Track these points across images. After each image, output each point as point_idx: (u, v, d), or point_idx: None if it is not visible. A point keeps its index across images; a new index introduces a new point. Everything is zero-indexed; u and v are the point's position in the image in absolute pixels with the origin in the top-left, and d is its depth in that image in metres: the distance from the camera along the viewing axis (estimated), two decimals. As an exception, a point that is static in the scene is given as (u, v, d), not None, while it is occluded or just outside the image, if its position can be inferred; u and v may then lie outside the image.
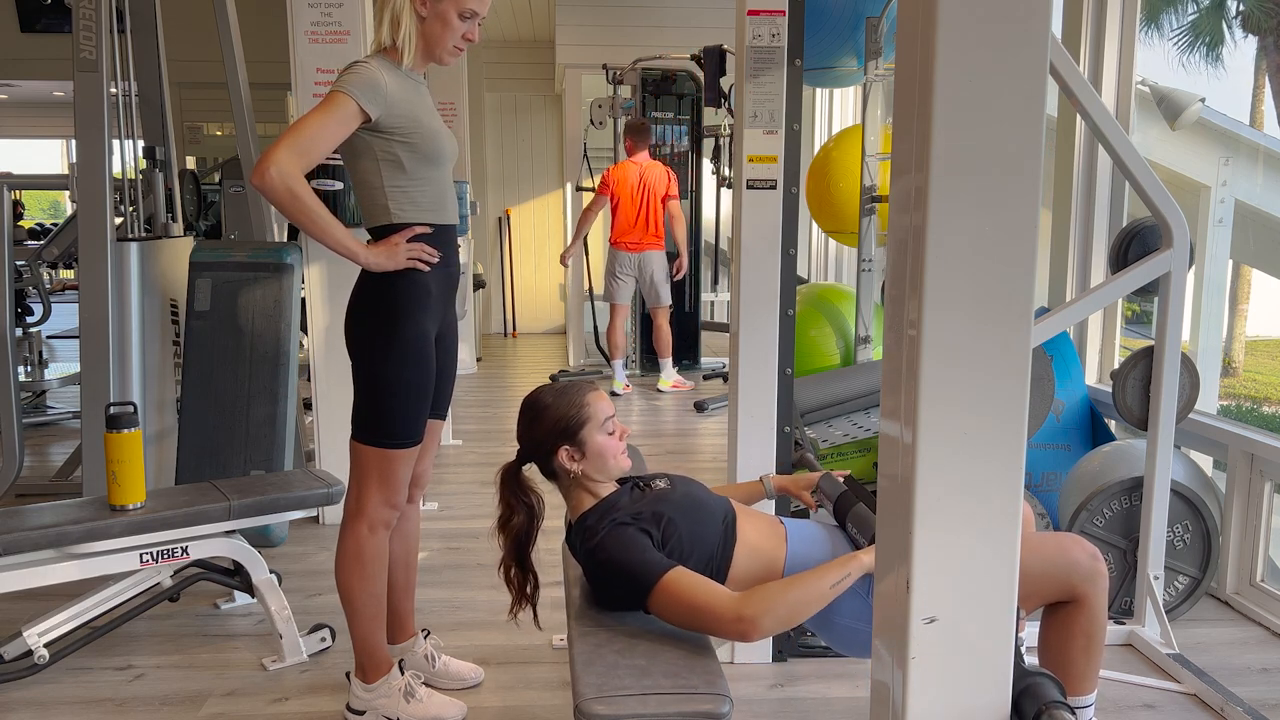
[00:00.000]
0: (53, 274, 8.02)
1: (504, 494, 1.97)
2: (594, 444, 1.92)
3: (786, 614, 1.67)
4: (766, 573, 1.89)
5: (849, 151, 4.19)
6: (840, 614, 1.90)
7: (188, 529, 2.62)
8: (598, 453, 1.92)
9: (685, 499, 1.91)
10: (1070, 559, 1.89)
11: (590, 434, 1.92)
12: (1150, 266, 2.66)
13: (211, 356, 3.60)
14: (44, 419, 5.72)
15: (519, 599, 1.98)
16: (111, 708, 2.47)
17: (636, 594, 1.74)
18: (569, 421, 1.92)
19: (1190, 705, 2.44)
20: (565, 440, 1.92)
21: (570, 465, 1.92)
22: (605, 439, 1.93)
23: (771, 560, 1.90)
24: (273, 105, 8.67)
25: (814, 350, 4.04)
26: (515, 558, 1.96)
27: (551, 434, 1.93)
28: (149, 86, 4.18)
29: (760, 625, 1.64)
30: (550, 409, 1.95)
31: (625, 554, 1.77)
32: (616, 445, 1.95)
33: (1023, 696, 1.22)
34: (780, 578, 1.89)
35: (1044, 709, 1.19)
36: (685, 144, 7.29)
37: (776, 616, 1.66)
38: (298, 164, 2.00)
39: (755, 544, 1.91)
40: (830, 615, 1.91)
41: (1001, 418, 1.15)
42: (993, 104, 1.10)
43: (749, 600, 1.66)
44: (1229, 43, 12.88)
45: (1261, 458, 2.93)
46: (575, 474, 1.93)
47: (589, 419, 1.93)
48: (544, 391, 1.99)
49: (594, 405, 1.95)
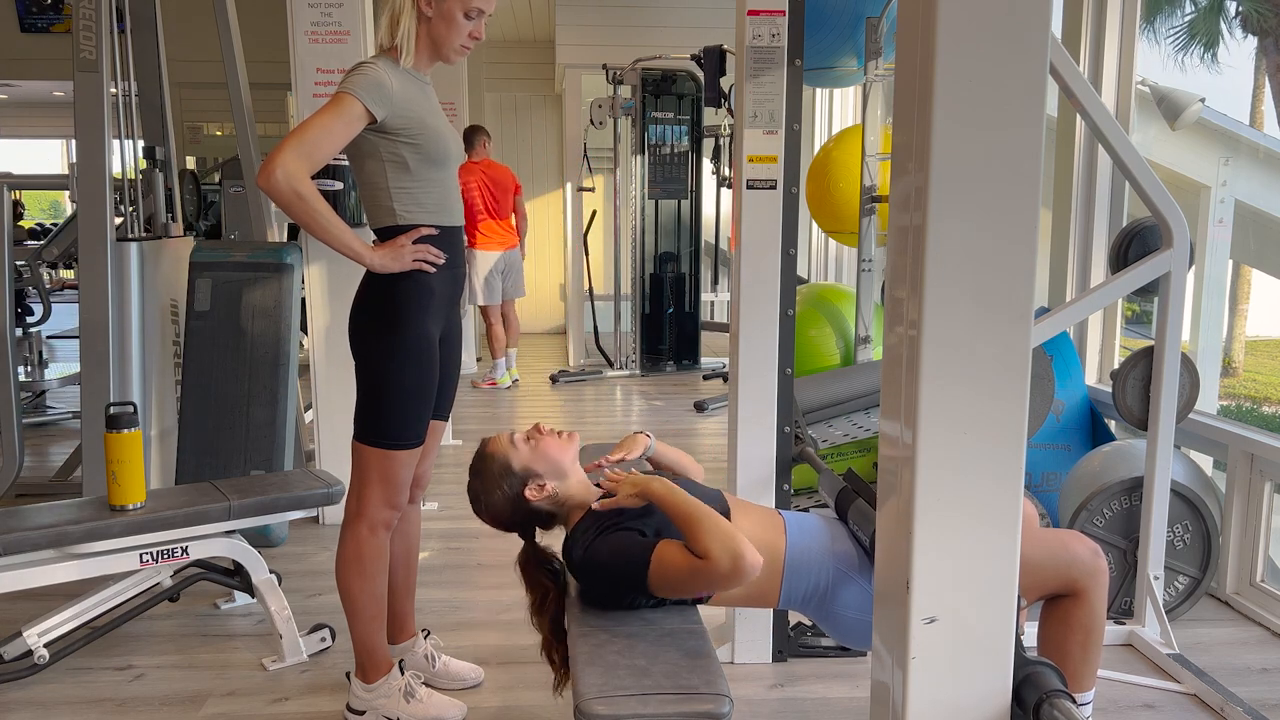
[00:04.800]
0: (53, 274, 8.03)
1: (530, 578, 1.97)
2: (537, 466, 1.94)
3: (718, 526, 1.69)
4: (768, 565, 1.89)
5: (849, 151, 4.20)
6: (841, 604, 1.90)
7: (188, 529, 2.62)
8: (548, 466, 1.94)
9: None
10: (1072, 553, 1.90)
11: (525, 463, 1.94)
12: (1150, 266, 2.66)
13: (211, 356, 3.60)
14: (44, 419, 5.72)
15: (563, 674, 1.92)
16: (111, 708, 2.47)
17: (636, 578, 1.75)
18: (502, 468, 1.95)
19: (1190, 705, 2.44)
20: (515, 481, 1.94)
21: (543, 494, 1.94)
22: (541, 450, 1.95)
23: (771, 550, 1.90)
24: (273, 105, 8.68)
25: (814, 350, 4.04)
26: (554, 635, 1.93)
27: (504, 490, 1.95)
28: (149, 86, 4.18)
29: (740, 551, 1.66)
30: (483, 476, 1.97)
31: (617, 548, 1.78)
32: (556, 444, 1.96)
33: (1024, 685, 1.21)
34: (781, 569, 1.90)
35: (1045, 697, 1.19)
36: (685, 144, 7.29)
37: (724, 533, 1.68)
38: (304, 166, 2.00)
39: (750, 533, 1.91)
40: (830, 606, 1.91)
41: (1001, 418, 1.15)
42: (993, 104, 1.10)
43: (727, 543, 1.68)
44: (1228, 43, 12.89)
45: (1261, 458, 2.93)
46: (555, 496, 1.95)
47: (510, 451, 1.96)
48: (470, 478, 2.00)
49: (500, 440, 1.98)
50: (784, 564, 1.90)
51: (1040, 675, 1.22)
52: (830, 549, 1.93)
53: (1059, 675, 1.22)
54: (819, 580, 1.91)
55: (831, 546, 1.93)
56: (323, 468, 3.80)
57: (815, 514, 2.06)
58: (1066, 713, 1.16)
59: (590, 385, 7.01)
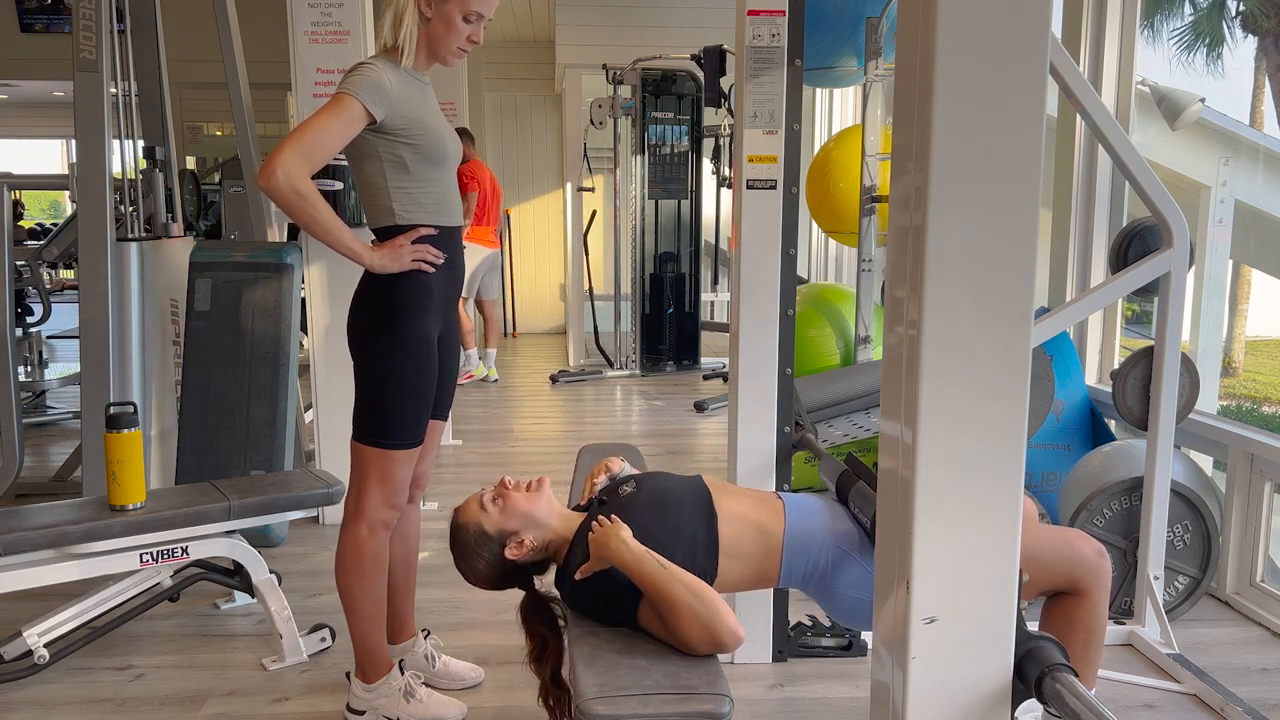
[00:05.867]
0: (53, 274, 8.02)
1: (530, 627, 1.97)
2: (510, 524, 1.94)
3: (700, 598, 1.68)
4: (765, 545, 1.90)
5: (849, 151, 4.19)
6: (840, 583, 1.90)
7: (188, 529, 2.62)
8: (521, 521, 1.94)
9: (651, 497, 1.92)
10: (1077, 551, 1.90)
11: (498, 525, 1.94)
12: (1150, 266, 2.66)
13: (211, 356, 3.60)
14: (44, 419, 5.72)
15: (561, 715, 1.92)
16: (111, 708, 2.47)
17: (625, 620, 1.78)
18: (479, 539, 1.95)
19: (1190, 705, 2.44)
20: (494, 546, 1.94)
21: (523, 550, 1.94)
22: (510, 508, 1.94)
23: (769, 532, 1.91)
24: (273, 105, 8.68)
25: (814, 350, 4.04)
26: (553, 682, 1.92)
27: (487, 559, 1.95)
28: (149, 86, 4.18)
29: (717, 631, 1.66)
30: (462, 548, 1.98)
31: (600, 601, 1.80)
32: (523, 499, 1.95)
33: (1025, 660, 1.21)
34: (780, 550, 1.90)
35: (1047, 670, 1.18)
36: (685, 144, 7.29)
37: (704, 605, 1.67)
38: (304, 166, 2.00)
39: (744, 515, 1.91)
40: (831, 585, 1.91)
41: (1001, 418, 1.15)
42: (993, 104, 1.10)
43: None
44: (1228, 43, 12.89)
45: (1261, 458, 2.93)
46: (536, 547, 1.95)
47: (481, 518, 1.95)
48: (453, 551, 2.01)
49: (470, 508, 1.98)
50: (782, 545, 1.90)
51: (1042, 649, 1.20)
52: (831, 528, 1.94)
53: (1061, 649, 1.22)
54: (819, 558, 1.91)
55: (832, 525, 1.94)
56: (323, 468, 3.80)
57: (814, 496, 2.07)
58: (1069, 686, 1.15)
59: (590, 385, 7.01)
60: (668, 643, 1.71)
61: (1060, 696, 1.15)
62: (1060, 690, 1.16)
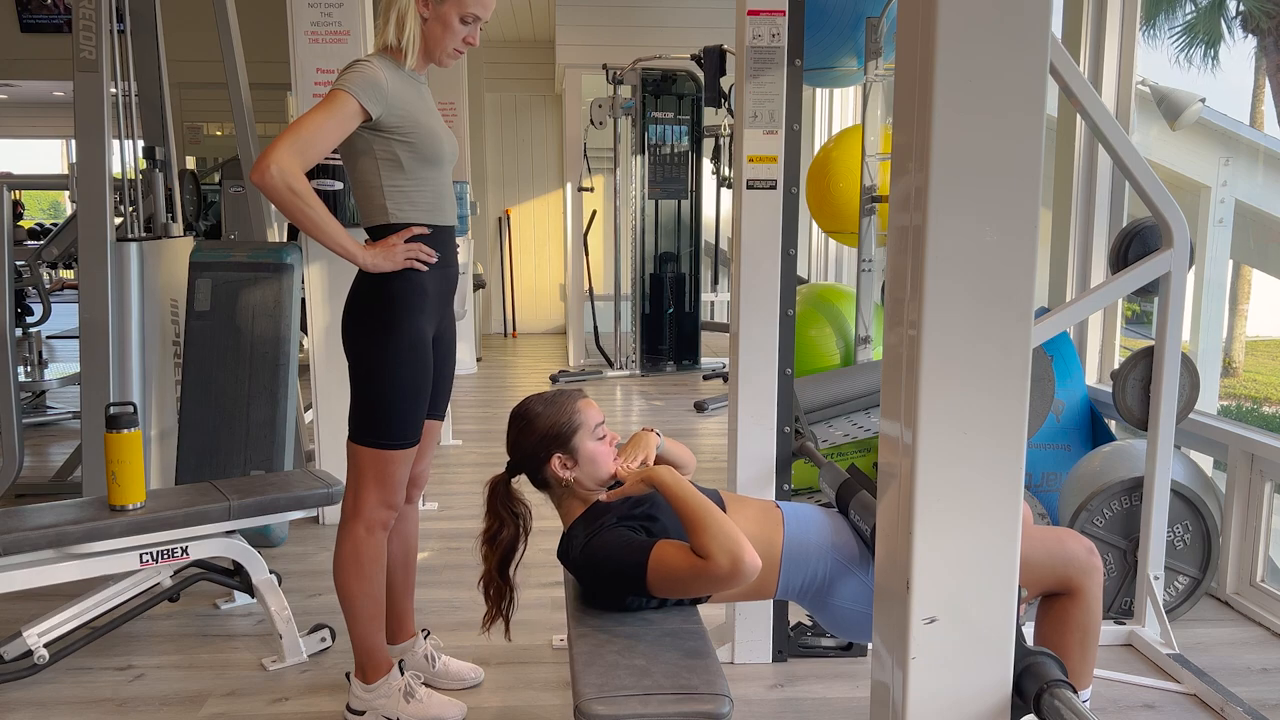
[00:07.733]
0: (53, 274, 8.02)
1: (493, 506, 1.96)
2: (586, 451, 1.92)
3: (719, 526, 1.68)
4: (764, 558, 1.89)
5: (849, 151, 4.20)
6: (838, 597, 1.90)
7: (188, 529, 2.61)
8: (590, 459, 1.92)
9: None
10: (1068, 551, 1.90)
11: (582, 441, 1.92)
12: (1150, 266, 2.66)
13: (211, 356, 3.60)
14: (44, 419, 5.72)
15: (495, 612, 1.96)
16: (111, 708, 2.47)
17: (634, 577, 1.74)
18: (561, 429, 1.92)
19: (1190, 705, 2.44)
20: (558, 448, 1.92)
21: (563, 473, 1.92)
22: (597, 445, 1.93)
23: (768, 544, 1.90)
24: (273, 105, 8.68)
25: (814, 350, 4.04)
26: (499, 571, 1.94)
27: (544, 442, 1.92)
28: (149, 86, 4.18)
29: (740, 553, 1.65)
30: (541, 417, 1.94)
31: (615, 548, 1.78)
32: (608, 451, 1.95)
33: (1024, 675, 1.21)
34: (779, 561, 1.90)
35: (1045, 687, 1.18)
36: (685, 144, 7.29)
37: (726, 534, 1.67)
38: (298, 162, 2.00)
39: (747, 529, 1.91)
40: (828, 598, 1.91)
41: (1001, 418, 1.15)
42: (993, 104, 1.10)
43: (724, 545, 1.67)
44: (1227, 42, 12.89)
45: (1261, 458, 2.93)
46: (568, 482, 1.93)
47: (580, 425, 1.93)
48: (533, 401, 1.99)
49: (585, 412, 1.95)
50: (781, 556, 1.90)
51: (1041, 665, 1.21)
52: (830, 541, 1.93)
53: (1059, 665, 1.22)
54: (817, 571, 1.91)
55: (832, 539, 1.94)
56: (323, 468, 3.80)
57: (815, 507, 2.06)
58: (1067, 702, 1.15)
59: (590, 385, 7.01)
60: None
61: (1059, 713, 1.15)
62: (1059, 706, 1.16)
